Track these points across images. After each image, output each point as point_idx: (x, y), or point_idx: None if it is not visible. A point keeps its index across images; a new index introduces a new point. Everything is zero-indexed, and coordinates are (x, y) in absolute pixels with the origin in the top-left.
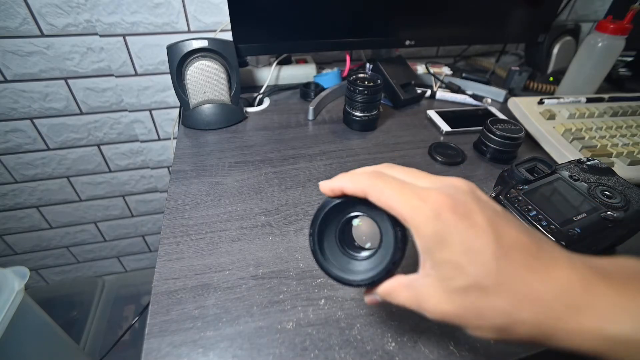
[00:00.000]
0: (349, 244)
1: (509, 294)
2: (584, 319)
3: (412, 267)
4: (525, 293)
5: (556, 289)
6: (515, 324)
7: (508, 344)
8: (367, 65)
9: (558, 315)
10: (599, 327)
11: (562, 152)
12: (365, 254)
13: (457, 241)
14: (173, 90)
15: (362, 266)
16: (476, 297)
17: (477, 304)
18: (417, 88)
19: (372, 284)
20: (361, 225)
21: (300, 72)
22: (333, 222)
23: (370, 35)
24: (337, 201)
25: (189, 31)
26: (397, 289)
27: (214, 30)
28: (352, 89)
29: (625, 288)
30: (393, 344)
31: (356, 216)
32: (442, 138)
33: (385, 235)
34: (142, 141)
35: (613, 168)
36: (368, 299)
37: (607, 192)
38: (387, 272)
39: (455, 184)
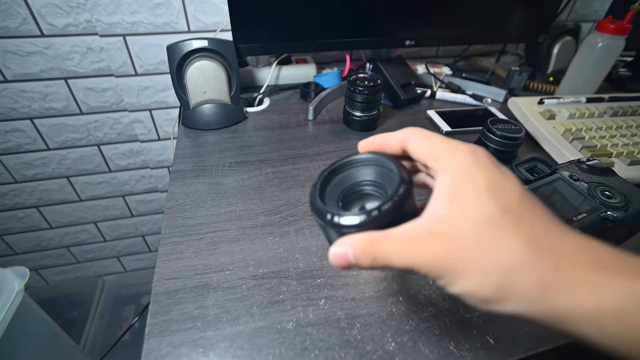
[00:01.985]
0: (346, 205)
1: (527, 232)
2: (608, 275)
3: None
4: (546, 236)
5: (578, 242)
6: (528, 266)
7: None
8: (367, 65)
9: (579, 264)
10: (626, 285)
11: (562, 152)
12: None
13: (485, 178)
14: (173, 90)
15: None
16: (491, 231)
17: (490, 237)
18: (417, 88)
19: (351, 227)
20: (366, 195)
21: (300, 72)
22: (345, 178)
23: (370, 35)
24: (367, 155)
25: (189, 31)
26: (384, 237)
27: (214, 30)
28: (352, 89)
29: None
30: (393, 344)
31: (367, 186)
32: None
33: (385, 194)
34: (142, 141)
35: (613, 168)
36: (334, 250)
37: (607, 192)
38: (374, 219)
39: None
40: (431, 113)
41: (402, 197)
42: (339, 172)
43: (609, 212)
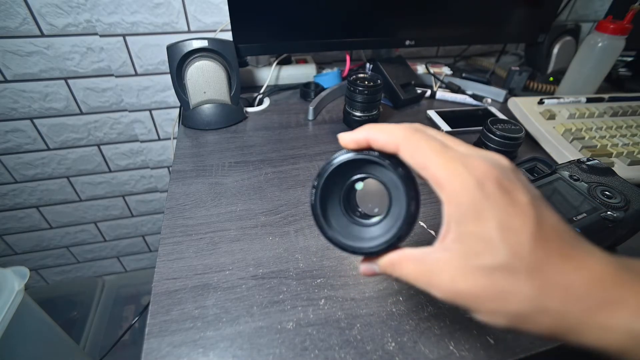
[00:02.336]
0: (352, 208)
1: (540, 279)
2: (614, 313)
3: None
4: (557, 281)
5: (590, 280)
6: (538, 313)
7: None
8: (367, 65)
9: (588, 307)
10: (629, 323)
11: (562, 152)
12: (368, 220)
13: (494, 216)
14: (173, 90)
15: (363, 233)
16: (502, 277)
17: (501, 285)
18: (417, 88)
19: (372, 254)
20: (367, 190)
21: (300, 72)
22: (341, 179)
23: (370, 35)
24: (357, 156)
25: (189, 31)
26: (404, 261)
27: (214, 30)
28: (352, 89)
29: None
30: (393, 344)
31: (366, 178)
32: None
33: (396, 204)
34: (142, 141)
35: (613, 168)
36: (364, 267)
37: (607, 192)
38: (391, 245)
39: (497, 158)
40: (431, 113)
41: (416, 215)
42: (334, 178)
43: (609, 212)
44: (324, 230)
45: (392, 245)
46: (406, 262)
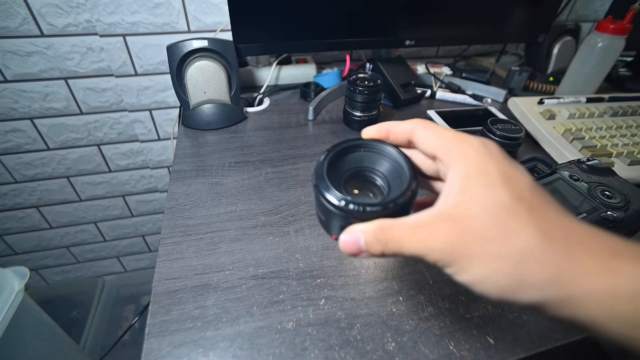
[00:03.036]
0: (349, 191)
1: (540, 219)
2: (620, 262)
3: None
4: (557, 223)
5: (589, 231)
6: (540, 252)
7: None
8: (367, 65)
9: (591, 250)
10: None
11: (562, 152)
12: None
13: (497, 167)
14: (173, 90)
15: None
16: (505, 215)
17: (504, 221)
18: (417, 88)
19: (361, 213)
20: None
21: (300, 72)
22: (347, 163)
23: (370, 35)
24: (371, 140)
25: (189, 31)
26: (397, 224)
27: (214, 30)
28: (352, 89)
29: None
30: (393, 344)
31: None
32: None
33: (394, 183)
34: (142, 141)
35: (613, 168)
36: (346, 237)
37: (607, 192)
38: (386, 208)
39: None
40: (431, 113)
41: (414, 191)
42: (348, 152)
43: (609, 212)
44: (318, 184)
45: (387, 208)
46: (399, 225)
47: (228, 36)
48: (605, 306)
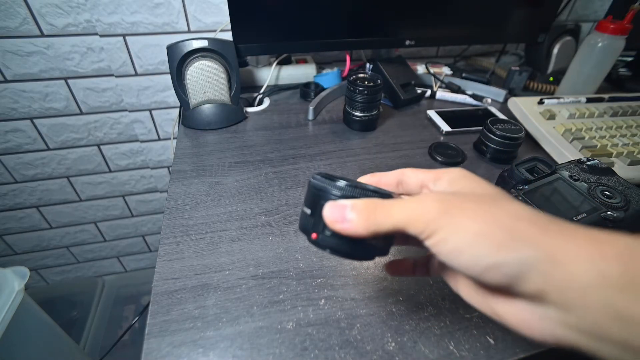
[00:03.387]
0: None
1: (525, 211)
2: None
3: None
4: (541, 217)
5: (549, 220)
6: (525, 220)
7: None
8: (367, 65)
9: (559, 231)
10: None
11: (562, 152)
12: None
13: (478, 180)
14: (173, 90)
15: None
16: (490, 201)
17: (489, 204)
18: (417, 88)
19: (350, 189)
20: None
21: (300, 72)
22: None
23: (370, 35)
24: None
25: (189, 31)
26: (387, 203)
27: (214, 30)
28: (352, 89)
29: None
30: (393, 344)
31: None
32: (442, 138)
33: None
34: (142, 141)
35: (613, 168)
36: (331, 206)
37: (607, 192)
38: (375, 193)
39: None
40: (431, 113)
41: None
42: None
43: (609, 212)
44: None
45: (383, 195)
46: (387, 201)
47: (228, 36)
48: (594, 267)
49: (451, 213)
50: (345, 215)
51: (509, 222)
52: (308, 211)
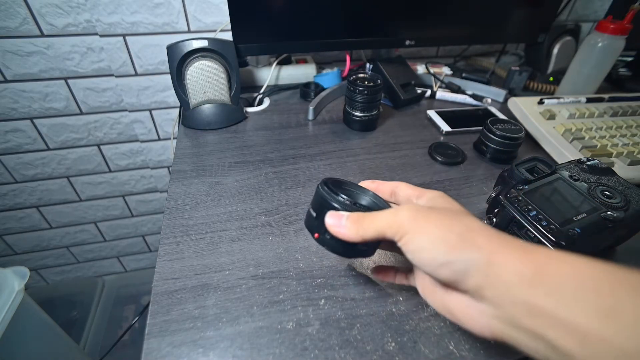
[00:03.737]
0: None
1: (480, 223)
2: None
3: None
4: (478, 222)
5: (498, 235)
6: (476, 231)
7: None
8: (367, 65)
9: (499, 243)
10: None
11: (562, 152)
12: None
13: (450, 200)
14: (173, 90)
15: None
16: (458, 212)
17: (458, 214)
18: (417, 88)
19: (355, 207)
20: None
21: (300, 72)
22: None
23: (370, 35)
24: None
25: (189, 31)
26: (375, 215)
27: (214, 30)
28: (352, 89)
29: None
30: (393, 344)
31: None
32: (442, 138)
33: (374, 205)
34: (142, 141)
35: (613, 168)
36: (334, 212)
37: (607, 192)
38: (369, 208)
39: None
40: (431, 113)
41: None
42: (342, 184)
43: (609, 212)
44: (327, 183)
45: (371, 210)
46: (377, 215)
47: (228, 36)
48: (516, 269)
49: (418, 220)
50: (341, 223)
51: (463, 230)
52: (314, 214)
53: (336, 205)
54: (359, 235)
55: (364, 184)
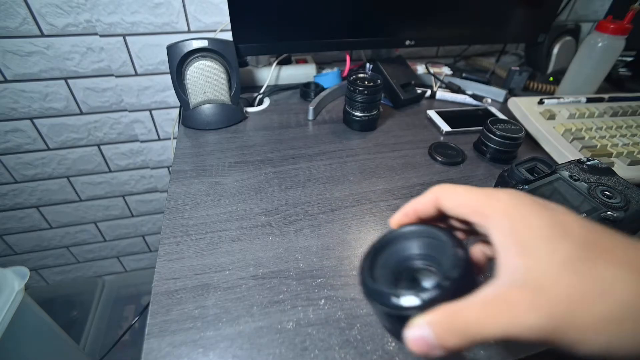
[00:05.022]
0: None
1: (619, 255)
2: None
3: None
4: (629, 251)
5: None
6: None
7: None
8: (367, 65)
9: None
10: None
11: (562, 152)
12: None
13: (543, 221)
14: (173, 90)
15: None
16: (584, 268)
17: (587, 275)
18: (417, 88)
19: (417, 308)
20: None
21: (300, 72)
22: (392, 255)
23: (370, 35)
24: (408, 229)
25: (189, 31)
26: (466, 307)
27: (214, 30)
28: (352, 89)
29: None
30: (393, 344)
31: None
32: (442, 138)
33: (444, 261)
34: (142, 141)
35: (613, 168)
36: (411, 335)
37: (607, 192)
38: (442, 293)
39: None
40: (431, 113)
41: (466, 260)
42: (383, 250)
43: (609, 212)
44: (365, 281)
45: (443, 287)
46: (470, 305)
47: (228, 36)
48: None
49: (567, 322)
50: (430, 344)
51: (626, 314)
52: (388, 326)
53: (404, 313)
54: (464, 347)
55: (395, 220)
